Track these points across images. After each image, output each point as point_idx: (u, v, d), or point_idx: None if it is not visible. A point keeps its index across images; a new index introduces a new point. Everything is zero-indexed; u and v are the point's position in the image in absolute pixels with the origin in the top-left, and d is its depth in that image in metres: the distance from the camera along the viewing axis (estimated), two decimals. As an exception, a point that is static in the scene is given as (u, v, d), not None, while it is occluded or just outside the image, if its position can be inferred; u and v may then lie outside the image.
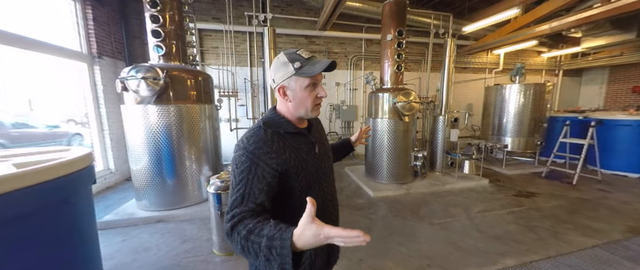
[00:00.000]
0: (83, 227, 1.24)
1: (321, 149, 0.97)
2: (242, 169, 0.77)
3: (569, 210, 3.34)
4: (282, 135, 0.86)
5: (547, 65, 8.02)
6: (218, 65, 5.13)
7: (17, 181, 0.89)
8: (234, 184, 0.78)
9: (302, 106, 0.84)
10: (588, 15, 4.31)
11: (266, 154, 0.79)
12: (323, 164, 0.95)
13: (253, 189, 0.75)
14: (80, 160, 1.18)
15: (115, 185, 4.37)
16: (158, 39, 3.00)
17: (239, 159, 0.79)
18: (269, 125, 0.86)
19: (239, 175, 0.77)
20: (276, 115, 0.90)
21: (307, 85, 0.83)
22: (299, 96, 0.83)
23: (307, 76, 0.81)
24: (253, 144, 0.80)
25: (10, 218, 0.89)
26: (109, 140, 4.36)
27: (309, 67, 0.81)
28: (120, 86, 2.79)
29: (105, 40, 4.34)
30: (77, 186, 1.19)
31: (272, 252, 0.59)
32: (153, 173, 3.04)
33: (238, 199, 0.74)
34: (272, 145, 0.81)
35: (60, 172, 1.00)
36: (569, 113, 5.90)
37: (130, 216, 3.02)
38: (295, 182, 0.85)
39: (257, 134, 0.83)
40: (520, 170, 5.09)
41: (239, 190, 0.75)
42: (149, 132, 2.95)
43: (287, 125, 0.88)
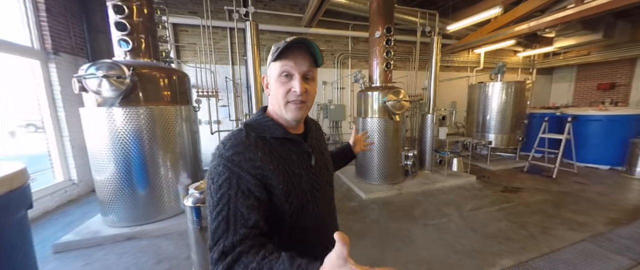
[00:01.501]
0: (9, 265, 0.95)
1: (319, 161, 0.77)
2: (220, 183, 0.59)
3: (553, 204, 3.43)
4: (268, 141, 0.67)
5: (523, 64, 8.43)
6: (196, 63, 4.75)
7: None
8: (212, 205, 0.58)
9: (275, 102, 0.69)
10: (563, 15, 4.50)
11: (248, 161, 0.61)
12: (321, 178, 0.76)
13: (239, 207, 0.57)
14: (5, 181, 0.90)
15: (78, 198, 3.88)
16: (123, 33, 2.64)
17: (215, 170, 0.61)
18: (252, 127, 0.68)
19: (217, 192, 0.58)
20: (263, 117, 0.71)
21: (278, 72, 0.66)
22: (272, 88, 0.69)
23: (273, 60, 0.65)
24: (231, 148, 0.62)
25: None
26: (69, 148, 3.86)
27: (279, 47, 0.64)
28: (78, 86, 2.41)
29: (63, 35, 3.83)
30: (2, 214, 0.91)
31: None
32: (121, 184, 2.68)
33: (222, 225, 0.55)
34: (256, 152, 0.63)
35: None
36: (546, 109, 6.20)
37: (95, 235, 2.64)
38: (284, 203, 0.65)
39: (236, 137, 0.65)
40: (504, 166, 5.24)
41: (221, 212, 0.56)
42: (114, 137, 2.59)
43: (274, 129, 0.69)
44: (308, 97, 0.68)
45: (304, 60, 0.66)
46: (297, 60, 0.66)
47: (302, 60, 0.66)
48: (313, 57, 0.68)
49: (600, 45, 6.28)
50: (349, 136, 4.57)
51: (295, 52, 0.65)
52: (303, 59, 0.66)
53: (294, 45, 0.64)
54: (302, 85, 0.65)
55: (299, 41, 0.64)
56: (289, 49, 0.64)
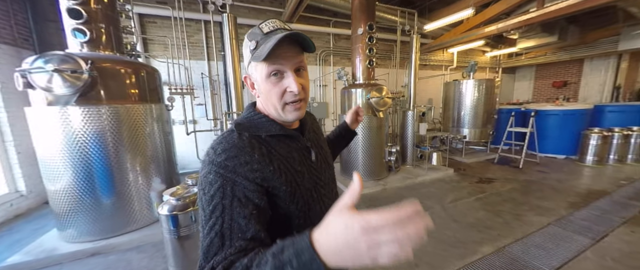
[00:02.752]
0: None
1: (319, 155, 0.71)
2: (212, 194, 0.51)
3: (521, 192, 3.72)
4: (264, 140, 0.60)
5: (490, 63, 9.07)
6: (167, 58, 4.38)
7: None
8: (204, 219, 0.51)
9: (269, 103, 0.62)
10: (526, 18, 4.88)
11: (244, 165, 0.54)
12: (323, 174, 0.70)
13: (236, 219, 0.50)
14: None
15: (28, 211, 3.39)
16: (78, 21, 2.31)
17: (206, 179, 0.54)
18: (245, 127, 0.60)
19: (209, 203, 0.51)
20: (254, 114, 0.64)
21: (267, 73, 0.57)
22: (262, 90, 0.61)
23: (259, 61, 0.56)
24: (223, 153, 0.54)
25: None
26: (14, 154, 3.34)
27: (263, 47, 0.55)
28: (22, 82, 2.06)
29: (2, 23, 3.28)
30: None
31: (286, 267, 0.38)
32: (81, 193, 2.36)
33: (216, 241, 0.49)
34: (252, 153, 0.56)
35: None
36: (512, 105, 6.73)
37: (50, 253, 2.30)
38: (291, 205, 0.59)
39: (228, 139, 0.57)
40: (477, 158, 5.60)
41: (214, 227, 0.49)
42: (71, 141, 2.27)
43: (269, 126, 0.62)
44: (305, 92, 0.62)
45: (293, 51, 0.58)
46: (286, 54, 0.57)
47: (290, 53, 0.58)
48: (300, 44, 0.59)
49: (555, 46, 6.96)
50: (335, 134, 4.34)
51: (282, 46, 0.56)
52: (291, 51, 0.58)
53: (280, 43, 0.55)
54: (298, 82, 0.58)
55: (284, 37, 0.54)
56: (276, 47, 0.55)
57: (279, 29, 0.58)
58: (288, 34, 0.54)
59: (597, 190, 3.68)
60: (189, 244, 1.85)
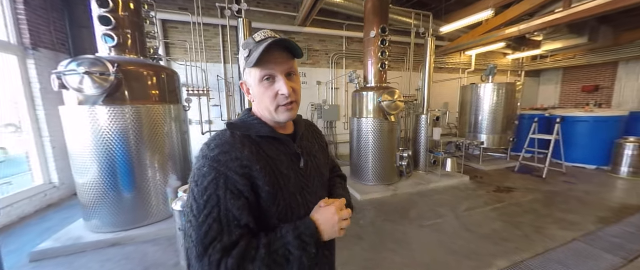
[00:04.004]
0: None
1: (310, 163, 0.73)
2: (206, 185, 0.55)
3: (544, 203, 3.48)
4: (254, 140, 0.64)
5: (512, 66, 8.64)
6: (186, 61, 4.60)
7: None
8: (197, 210, 0.54)
9: (263, 106, 0.66)
10: (551, 19, 4.61)
11: (235, 160, 0.57)
12: (311, 182, 0.72)
13: (230, 208, 0.54)
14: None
15: (59, 202, 3.67)
16: (108, 27, 2.51)
17: (200, 171, 0.58)
18: (237, 126, 0.65)
19: (203, 194, 0.54)
20: (248, 116, 0.69)
21: (260, 77, 0.62)
22: (256, 94, 0.66)
23: (251, 67, 0.61)
24: (216, 148, 0.58)
25: None
26: (50, 149, 3.65)
27: (254, 54, 0.60)
28: (58, 83, 2.26)
29: (43, 29, 3.62)
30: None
31: (303, 238, 0.59)
32: (105, 186, 2.53)
33: (214, 226, 0.53)
34: (243, 150, 0.59)
35: None
36: (535, 111, 6.35)
37: (76, 241, 2.48)
38: (272, 206, 0.61)
39: (222, 137, 0.61)
40: (496, 166, 5.32)
41: (211, 214, 0.53)
42: (98, 138, 2.45)
43: (260, 127, 0.66)
44: (296, 95, 0.66)
45: (283, 57, 0.63)
46: (276, 60, 0.62)
47: (280, 59, 0.62)
48: (290, 50, 0.64)
49: (585, 49, 6.50)
50: (344, 137, 4.60)
51: (273, 52, 0.61)
52: (281, 57, 0.63)
53: (269, 49, 0.60)
54: (288, 85, 0.62)
55: (272, 44, 0.60)
56: (265, 53, 0.60)
57: (270, 38, 0.62)
58: (276, 41, 0.59)
59: (632, 205, 3.37)
60: (200, 240, 1.92)
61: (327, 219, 0.62)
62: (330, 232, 0.62)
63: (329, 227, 0.61)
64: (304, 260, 0.58)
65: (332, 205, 0.64)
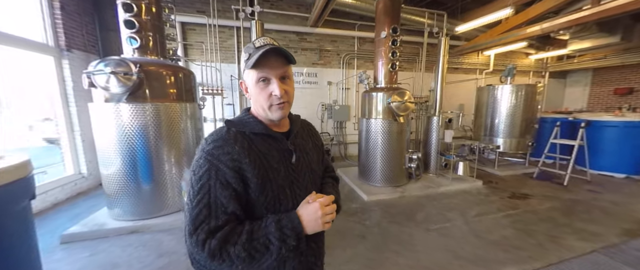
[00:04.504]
0: (11, 255, 0.98)
1: (302, 159, 0.79)
2: (201, 175, 0.64)
3: (563, 212, 3.30)
4: (247, 135, 0.71)
5: (535, 67, 8.19)
6: (202, 61, 4.82)
7: None
8: (192, 195, 0.63)
9: (258, 105, 0.73)
10: (578, 17, 4.34)
11: (226, 154, 0.64)
12: (302, 177, 0.77)
13: (219, 197, 0.62)
14: (5, 173, 0.93)
15: (87, 191, 4.00)
16: (132, 30, 2.70)
17: (197, 163, 0.66)
18: (233, 124, 0.72)
19: (198, 182, 0.63)
20: (245, 115, 0.76)
21: (256, 79, 0.69)
22: (252, 93, 0.73)
23: (249, 68, 0.69)
24: (212, 143, 0.66)
25: None
26: (80, 142, 3.98)
27: (253, 57, 0.67)
28: (87, 82, 2.48)
29: (76, 32, 3.95)
30: (3, 203, 0.93)
31: (284, 230, 0.63)
32: (127, 178, 2.74)
33: (203, 210, 0.61)
34: (234, 145, 0.66)
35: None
36: (558, 114, 5.99)
37: (100, 227, 2.71)
38: (260, 195, 0.68)
39: (218, 133, 0.69)
40: (512, 171, 5.09)
41: (202, 200, 0.61)
42: (121, 133, 2.65)
43: (254, 125, 0.72)
44: (288, 96, 0.72)
45: (278, 63, 0.70)
46: (272, 64, 0.68)
47: (276, 64, 0.69)
48: (285, 57, 0.70)
49: (618, 48, 6.03)
50: (354, 137, 4.63)
51: (269, 57, 0.67)
52: (276, 62, 0.69)
53: (265, 54, 0.67)
54: (281, 87, 0.69)
55: (269, 50, 0.67)
56: (261, 57, 0.66)
57: (268, 44, 0.68)
58: (272, 48, 0.66)
59: (664, 217, 3.11)
60: (209, 231, 2.04)
61: (310, 214, 0.66)
62: (313, 226, 0.66)
63: (312, 221, 0.66)
64: (283, 250, 0.62)
65: (316, 202, 0.68)
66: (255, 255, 0.61)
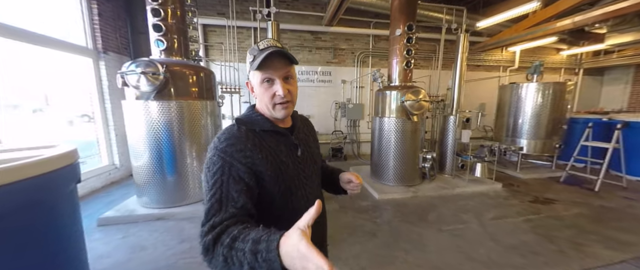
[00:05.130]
0: (63, 231, 1.15)
1: (305, 152, 0.85)
2: (215, 171, 0.68)
3: (591, 219, 3.09)
4: (258, 133, 0.76)
5: (567, 63, 7.60)
6: (222, 61, 5.06)
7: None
8: (207, 189, 0.67)
9: (263, 104, 0.77)
10: (616, 8, 3.98)
11: (239, 152, 0.70)
12: (307, 168, 0.84)
13: (230, 191, 0.65)
14: (59, 158, 1.09)
15: (120, 180, 4.39)
16: (159, 34, 2.93)
17: (211, 160, 0.70)
18: (243, 122, 0.77)
19: (212, 178, 0.67)
20: (253, 113, 0.81)
21: (260, 80, 0.74)
22: (257, 93, 0.77)
23: (254, 70, 0.73)
24: (224, 141, 0.71)
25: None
26: (114, 136, 4.37)
27: (257, 59, 0.71)
28: (121, 81, 2.73)
29: (111, 36, 4.33)
30: (55, 187, 1.10)
31: (258, 257, 0.50)
32: (154, 170, 2.99)
33: (215, 205, 0.64)
34: (246, 143, 0.71)
35: (32, 172, 0.92)
36: (591, 114, 5.54)
37: (131, 213, 2.99)
38: (274, 187, 0.74)
39: (229, 131, 0.74)
40: (537, 175, 4.81)
41: (214, 195, 0.65)
42: (149, 128, 2.89)
43: (263, 123, 0.78)
44: (292, 96, 0.76)
45: (281, 64, 0.73)
46: (275, 66, 0.72)
47: (279, 65, 0.73)
48: (288, 58, 0.75)
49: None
50: (367, 136, 4.62)
51: (272, 59, 0.71)
52: (280, 64, 0.73)
53: (269, 56, 0.70)
54: (284, 87, 0.73)
55: (272, 52, 0.70)
56: (265, 59, 0.70)
57: (271, 46, 0.73)
58: (275, 50, 0.70)
59: None
60: (226, 220, 2.19)
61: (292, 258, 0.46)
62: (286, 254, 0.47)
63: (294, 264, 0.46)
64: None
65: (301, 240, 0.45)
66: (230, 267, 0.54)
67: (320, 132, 6.20)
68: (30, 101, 3.49)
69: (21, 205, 0.91)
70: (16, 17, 2.96)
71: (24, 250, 0.93)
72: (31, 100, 3.52)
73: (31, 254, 0.96)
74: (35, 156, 1.01)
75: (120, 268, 2.14)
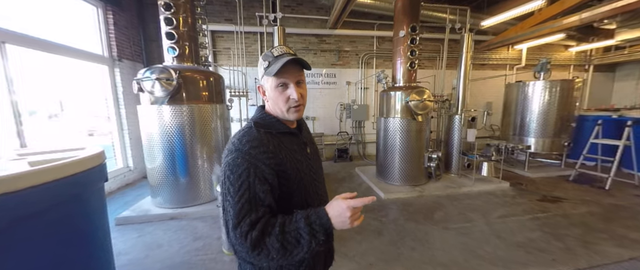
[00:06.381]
0: (95, 223, 1.27)
1: (311, 149, 0.94)
2: (240, 173, 0.71)
3: (601, 217, 3.06)
4: (275, 135, 0.82)
5: (576, 60, 7.47)
6: (230, 66, 5.21)
7: (31, 179, 0.92)
8: (233, 192, 0.71)
9: (276, 107, 0.82)
10: (625, 3, 3.93)
11: (263, 153, 0.74)
12: (314, 164, 0.92)
13: (257, 192, 0.71)
14: (91, 159, 1.21)
15: (134, 182, 4.57)
16: (172, 41, 3.08)
17: (234, 162, 0.72)
18: (261, 125, 0.82)
19: (238, 180, 0.71)
20: (267, 115, 0.86)
21: (275, 85, 0.79)
22: (271, 97, 0.81)
23: (270, 75, 0.77)
24: (247, 143, 0.75)
25: (25, 216, 0.92)
26: (128, 140, 4.56)
27: (273, 66, 0.77)
28: (137, 87, 2.89)
29: (125, 44, 4.54)
30: (89, 184, 1.22)
31: (313, 226, 0.68)
32: (167, 171, 3.12)
33: (245, 205, 0.68)
34: (268, 145, 0.76)
35: (72, 170, 1.03)
36: (601, 111, 5.44)
37: (146, 213, 3.13)
38: (294, 184, 0.80)
39: (250, 134, 0.78)
40: (545, 173, 4.76)
41: (243, 196, 0.70)
42: (163, 131, 3.03)
43: (279, 125, 0.84)
44: (303, 99, 0.83)
45: (295, 70, 0.79)
46: (290, 72, 0.78)
47: (293, 71, 0.78)
48: (301, 65, 0.80)
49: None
50: (372, 136, 4.72)
51: (287, 66, 0.76)
52: (294, 70, 0.78)
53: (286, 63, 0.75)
54: (297, 91, 0.79)
55: (290, 61, 0.75)
56: (282, 66, 0.75)
57: (286, 54, 0.79)
58: (292, 59, 0.76)
59: None
60: (237, 218, 2.28)
61: (340, 214, 0.69)
62: (340, 224, 0.69)
63: (340, 221, 0.69)
64: (314, 244, 0.67)
65: (346, 203, 0.69)
66: (288, 247, 0.66)
67: (325, 133, 6.28)
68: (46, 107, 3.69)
69: (65, 199, 1.02)
70: (37, 28, 3.16)
71: (66, 236, 1.05)
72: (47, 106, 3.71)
73: (71, 240, 1.08)
74: (72, 157, 1.12)
75: (138, 264, 2.27)
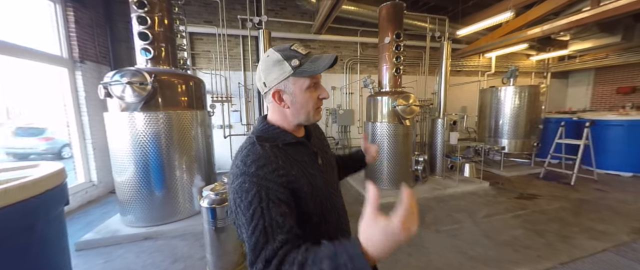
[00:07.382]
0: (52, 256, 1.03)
1: (324, 159, 0.81)
2: (250, 200, 0.60)
3: (572, 212, 3.30)
4: (282, 148, 0.70)
5: (536, 67, 8.24)
6: (210, 70, 4.93)
7: (-42, 211, 0.70)
8: (246, 223, 0.59)
9: (303, 111, 0.71)
10: (578, 18, 4.41)
11: (272, 172, 0.63)
12: (329, 175, 0.80)
13: (274, 217, 0.59)
14: (48, 179, 0.99)
15: (98, 199, 4.06)
16: (145, 42, 2.80)
17: (241, 187, 0.62)
18: (264, 139, 0.70)
19: (249, 208, 0.60)
20: (269, 126, 0.74)
21: (308, 86, 0.69)
22: (299, 100, 0.70)
23: (308, 75, 0.67)
24: (253, 164, 0.63)
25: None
26: (91, 150, 4.06)
27: (310, 64, 0.67)
28: (104, 92, 2.56)
29: (89, 44, 4.08)
30: (45, 210, 0.99)
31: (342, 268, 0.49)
32: (140, 185, 2.79)
33: (261, 238, 0.57)
34: (277, 161, 0.65)
35: (22, 194, 0.81)
36: (562, 114, 6.01)
37: (114, 234, 2.75)
38: (310, 203, 0.69)
39: (255, 152, 0.66)
40: (518, 172, 5.09)
41: (257, 226, 0.58)
42: (135, 141, 2.72)
43: (285, 136, 0.73)
44: None
45: None
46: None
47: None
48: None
49: (619, 47, 6.08)
50: (358, 141, 4.68)
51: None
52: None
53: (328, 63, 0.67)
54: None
55: (335, 60, 0.67)
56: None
57: (311, 52, 0.71)
58: (336, 58, 0.68)
59: (675, 216, 3.10)
60: (224, 235, 2.08)
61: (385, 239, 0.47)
62: (389, 250, 0.48)
63: (386, 247, 0.48)
64: None
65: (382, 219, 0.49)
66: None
67: (311, 138, 6.17)
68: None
69: (11, 233, 0.80)
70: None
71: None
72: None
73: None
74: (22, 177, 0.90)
75: (105, 296, 1.95)
